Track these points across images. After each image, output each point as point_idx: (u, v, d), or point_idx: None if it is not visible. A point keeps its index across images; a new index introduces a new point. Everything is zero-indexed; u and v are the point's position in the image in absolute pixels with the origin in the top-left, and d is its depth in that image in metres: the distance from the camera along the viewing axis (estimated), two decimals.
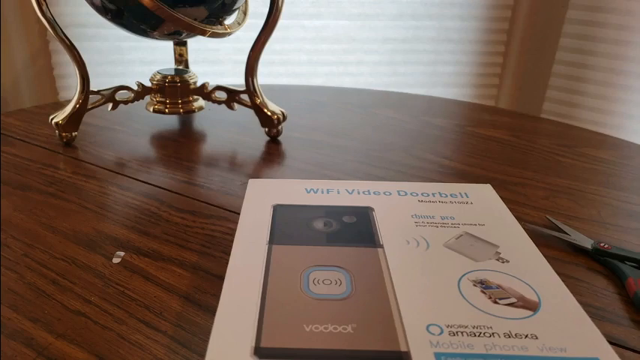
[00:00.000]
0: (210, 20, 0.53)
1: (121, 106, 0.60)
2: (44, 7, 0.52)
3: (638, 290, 0.34)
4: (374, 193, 0.33)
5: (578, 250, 0.40)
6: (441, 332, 0.21)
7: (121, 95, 0.60)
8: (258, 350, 0.20)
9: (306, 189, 0.33)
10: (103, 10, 0.52)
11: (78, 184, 0.48)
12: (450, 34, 1.30)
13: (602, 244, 0.39)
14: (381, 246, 0.27)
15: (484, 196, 0.33)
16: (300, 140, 0.61)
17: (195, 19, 0.51)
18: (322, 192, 0.33)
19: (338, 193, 0.33)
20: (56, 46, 1.11)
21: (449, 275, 0.25)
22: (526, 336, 0.21)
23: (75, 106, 0.56)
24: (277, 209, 0.31)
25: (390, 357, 0.20)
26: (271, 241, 0.28)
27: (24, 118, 0.65)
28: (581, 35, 1.23)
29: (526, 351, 0.21)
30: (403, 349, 0.21)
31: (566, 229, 0.42)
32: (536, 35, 1.29)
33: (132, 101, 0.61)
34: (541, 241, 0.41)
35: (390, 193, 0.33)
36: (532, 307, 0.23)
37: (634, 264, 0.37)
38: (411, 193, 0.33)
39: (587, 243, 0.40)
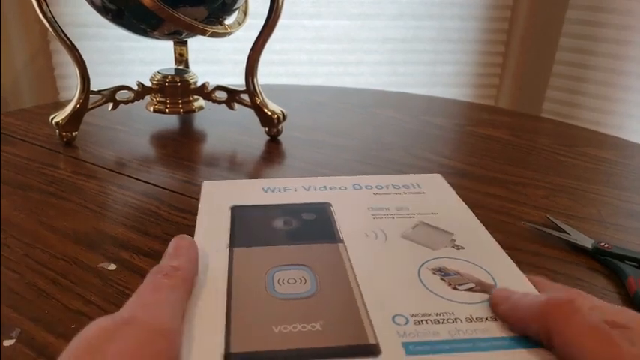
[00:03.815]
0: (211, 20, 0.53)
1: (122, 105, 0.60)
2: (44, 7, 0.52)
3: (638, 289, 0.34)
4: (330, 188, 0.33)
5: (578, 249, 0.40)
6: (407, 322, 0.22)
7: (121, 95, 0.60)
8: (228, 356, 0.20)
9: (263, 188, 0.33)
10: (103, 10, 0.52)
11: (78, 184, 0.48)
12: (449, 34, 1.30)
13: (602, 244, 0.39)
14: (342, 241, 0.28)
15: (435, 185, 0.34)
16: (300, 140, 0.61)
17: (196, 19, 0.51)
18: (279, 190, 0.33)
19: (295, 190, 0.33)
20: (57, 46, 1.11)
21: (409, 265, 0.26)
22: (486, 318, 0.22)
23: (75, 106, 0.56)
24: (235, 211, 0.30)
25: (360, 350, 0.21)
26: (232, 244, 0.27)
27: (24, 117, 0.65)
28: (581, 35, 1.23)
29: (489, 333, 0.22)
30: (372, 341, 0.21)
31: (567, 229, 0.42)
32: (536, 35, 1.29)
33: (132, 101, 0.61)
34: (541, 240, 0.41)
35: (346, 188, 0.33)
36: (489, 290, 0.24)
37: (634, 263, 0.37)
38: (365, 187, 0.33)
39: (588, 242, 0.40)
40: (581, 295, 0.23)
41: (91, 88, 0.57)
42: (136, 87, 0.61)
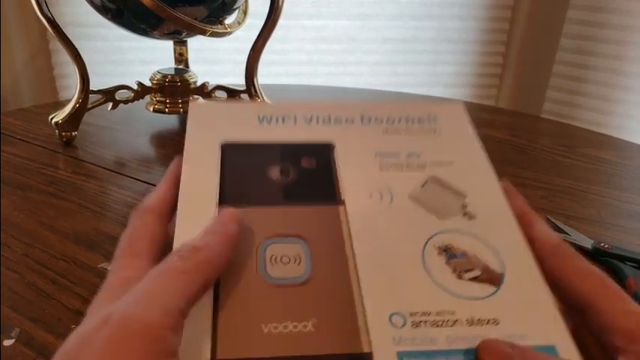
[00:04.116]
0: (210, 20, 0.53)
1: (121, 105, 0.60)
2: (44, 7, 0.51)
3: (638, 290, 0.34)
4: (335, 120, 0.28)
5: (578, 250, 0.40)
6: (404, 324, 0.21)
7: (120, 95, 0.60)
8: None
9: (258, 117, 0.28)
10: (103, 10, 0.52)
11: (78, 184, 0.48)
12: (449, 34, 1.30)
13: (602, 244, 0.39)
14: (342, 202, 0.25)
15: (453, 121, 0.29)
16: None
17: (196, 19, 0.51)
18: (277, 121, 0.28)
19: (295, 122, 0.28)
20: (56, 45, 1.11)
21: (413, 241, 0.23)
22: (487, 321, 0.21)
23: (75, 106, 0.56)
24: (227, 151, 0.26)
25: None
26: (222, 200, 0.24)
27: (24, 117, 0.65)
28: (582, 35, 1.23)
29: None
30: (366, 349, 0.20)
31: (567, 229, 0.42)
32: (537, 35, 1.29)
33: (132, 101, 0.61)
34: None
35: (353, 121, 0.29)
36: (496, 280, 0.22)
37: (634, 264, 0.37)
38: (375, 119, 0.29)
39: (588, 243, 0.40)
40: None
41: (91, 88, 0.57)
42: (135, 87, 0.61)
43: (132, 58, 1.16)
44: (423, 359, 0.20)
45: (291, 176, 0.26)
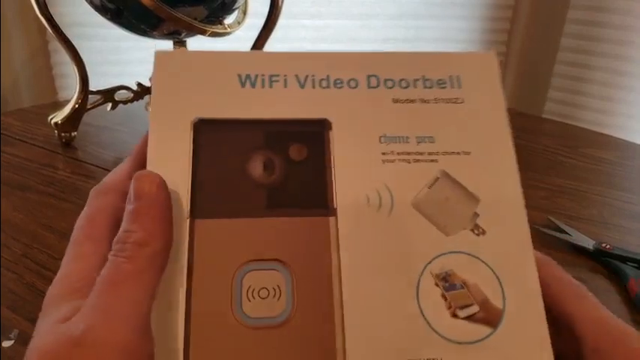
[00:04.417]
0: (210, 20, 0.53)
1: (121, 105, 0.60)
2: (43, 7, 0.51)
3: (639, 291, 0.34)
4: (335, 83, 0.23)
5: (579, 250, 0.40)
6: None
7: (120, 95, 0.60)
8: None
9: (239, 76, 0.23)
10: (102, 10, 0.52)
11: (77, 185, 0.48)
12: (450, 34, 1.29)
13: (603, 245, 0.39)
14: (334, 212, 0.21)
15: (482, 84, 0.24)
16: None
17: (195, 19, 0.51)
18: (263, 83, 0.23)
19: (285, 85, 0.23)
20: (55, 45, 1.11)
21: (410, 268, 0.21)
22: None
23: (74, 106, 0.56)
24: (200, 132, 0.22)
25: None
26: (194, 212, 0.20)
27: (23, 117, 0.65)
28: (583, 35, 1.23)
29: None
30: None
31: (568, 230, 0.42)
32: (538, 35, 1.28)
33: (131, 101, 0.61)
34: (542, 241, 0.41)
35: (357, 84, 0.23)
36: (493, 320, 0.20)
37: (635, 264, 0.37)
38: (385, 82, 0.23)
39: (589, 243, 0.40)
40: None
41: (90, 88, 0.56)
42: (135, 87, 0.61)
43: (131, 58, 1.16)
44: None
45: (276, 173, 0.22)
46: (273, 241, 0.20)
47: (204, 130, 0.22)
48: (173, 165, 0.21)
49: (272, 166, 0.22)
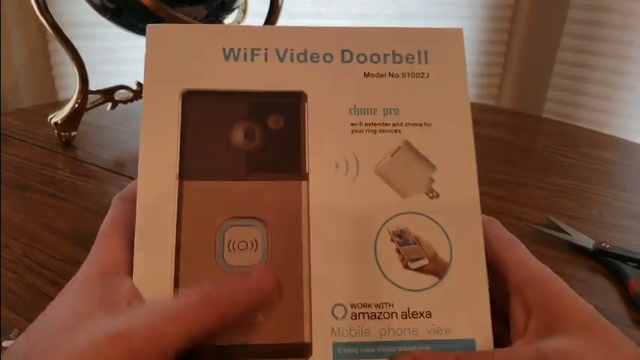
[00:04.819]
0: (210, 19, 0.53)
1: (120, 105, 0.60)
2: (43, 6, 0.51)
3: (639, 291, 0.34)
4: (312, 57, 0.25)
5: (579, 250, 0.40)
6: (344, 315, 0.22)
7: (120, 95, 0.60)
8: None
9: (224, 50, 0.25)
10: (102, 9, 0.52)
11: (77, 184, 0.48)
12: None
13: (603, 245, 0.39)
14: (306, 176, 0.24)
15: (447, 60, 0.26)
16: None
17: (195, 18, 0.51)
18: (245, 57, 0.25)
19: (265, 59, 0.25)
20: (55, 45, 1.11)
21: (370, 225, 0.23)
22: (421, 314, 0.22)
23: (74, 106, 0.56)
24: (188, 102, 0.24)
25: (292, 350, 0.21)
26: (182, 173, 0.23)
27: (23, 117, 0.65)
28: (583, 35, 1.23)
29: (415, 335, 0.22)
30: (306, 340, 0.21)
31: (568, 229, 0.42)
32: (538, 35, 1.28)
33: (131, 100, 0.61)
34: (542, 241, 0.41)
35: (332, 58, 0.25)
36: (440, 271, 0.23)
37: (635, 264, 0.37)
38: (357, 57, 0.25)
39: (589, 243, 0.40)
40: None
41: (90, 88, 0.56)
42: (134, 86, 0.61)
43: (131, 57, 1.15)
44: (354, 350, 0.21)
45: (256, 140, 0.24)
46: (252, 201, 0.23)
47: (192, 100, 0.24)
48: (164, 132, 0.24)
49: (252, 134, 0.24)
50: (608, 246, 0.39)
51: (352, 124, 0.25)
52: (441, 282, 0.23)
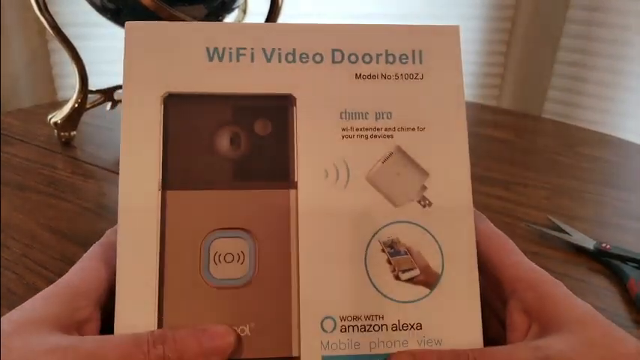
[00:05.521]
0: (210, 19, 0.53)
1: (120, 105, 0.60)
2: (43, 6, 0.51)
3: (639, 291, 0.34)
4: (301, 57, 0.23)
5: (579, 250, 0.40)
6: (334, 328, 0.22)
7: (120, 94, 0.60)
8: None
9: (207, 49, 0.23)
10: (102, 9, 0.52)
11: (77, 184, 0.48)
12: None
13: (603, 245, 0.39)
14: (295, 185, 0.23)
15: (442, 61, 0.25)
16: None
17: (195, 18, 0.51)
18: (230, 57, 0.23)
19: (252, 59, 0.23)
20: (55, 45, 1.11)
21: (360, 235, 0.22)
22: (411, 326, 0.22)
23: (74, 106, 0.56)
24: (170, 106, 0.23)
25: None
26: (165, 183, 0.22)
27: (22, 117, 0.65)
28: (583, 35, 1.23)
29: (406, 347, 0.21)
30: (295, 354, 0.21)
31: (568, 229, 0.42)
32: (538, 35, 1.28)
33: None
34: (542, 241, 0.41)
35: (322, 59, 0.24)
36: (431, 282, 0.22)
37: (636, 264, 0.37)
38: (349, 57, 0.24)
39: (589, 243, 0.40)
40: None
41: (90, 88, 0.56)
42: None
43: None
44: None
45: (242, 147, 0.23)
46: (238, 212, 0.22)
47: (174, 104, 0.23)
48: (145, 138, 0.22)
49: (238, 140, 0.23)
50: (608, 246, 0.39)
51: (343, 129, 0.23)
52: (432, 293, 0.22)
